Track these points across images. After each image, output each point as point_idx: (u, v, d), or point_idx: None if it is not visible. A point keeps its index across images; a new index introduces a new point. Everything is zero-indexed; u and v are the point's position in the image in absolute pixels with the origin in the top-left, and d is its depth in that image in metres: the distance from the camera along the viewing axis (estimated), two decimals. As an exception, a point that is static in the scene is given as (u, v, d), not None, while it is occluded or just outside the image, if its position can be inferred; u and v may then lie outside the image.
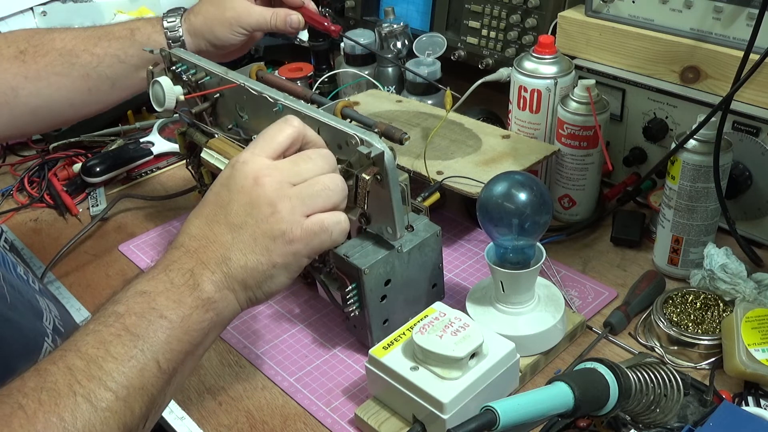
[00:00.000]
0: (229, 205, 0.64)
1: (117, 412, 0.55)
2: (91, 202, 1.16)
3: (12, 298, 0.73)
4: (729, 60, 0.89)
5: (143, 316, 0.59)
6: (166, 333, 0.59)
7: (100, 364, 0.55)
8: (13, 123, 0.93)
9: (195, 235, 0.64)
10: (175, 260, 0.63)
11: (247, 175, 0.64)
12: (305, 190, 0.65)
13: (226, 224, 0.64)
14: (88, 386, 0.54)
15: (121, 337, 0.57)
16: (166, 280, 0.61)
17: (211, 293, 0.62)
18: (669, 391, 0.65)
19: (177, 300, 0.60)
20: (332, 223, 0.66)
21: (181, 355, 0.60)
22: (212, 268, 0.62)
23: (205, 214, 0.65)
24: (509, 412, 0.57)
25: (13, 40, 0.94)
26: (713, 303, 0.82)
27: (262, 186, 0.64)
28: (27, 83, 0.92)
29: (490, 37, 1.20)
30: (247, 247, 0.63)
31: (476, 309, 0.82)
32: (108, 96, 0.98)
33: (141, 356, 0.57)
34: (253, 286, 0.64)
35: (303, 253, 0.65)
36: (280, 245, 0.64)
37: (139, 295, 0.60)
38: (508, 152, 0.98)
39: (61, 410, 0.52)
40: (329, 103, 0.82)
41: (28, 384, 0.54)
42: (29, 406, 0.52)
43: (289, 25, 0.99)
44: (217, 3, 0.99)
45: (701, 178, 0.84)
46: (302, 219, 0.64)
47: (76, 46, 0.95)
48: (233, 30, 0.98)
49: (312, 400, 0.79)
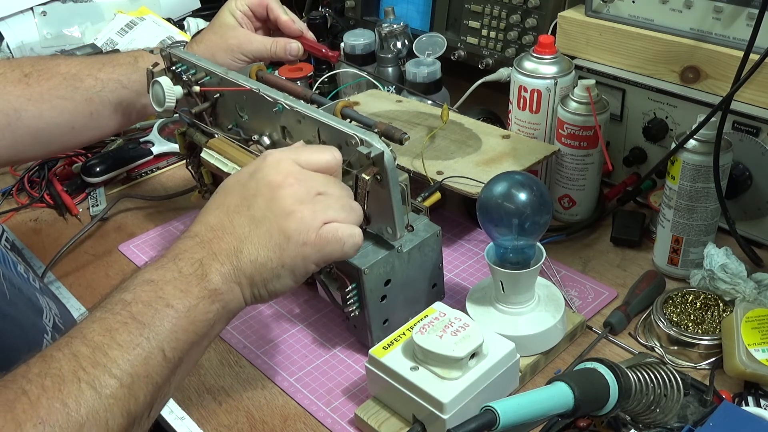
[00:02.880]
0: (254, 198, 0.65)
1: (121, 399, 0.55)
2: (91, 202, 1.16)
3: (11, 295, 0.73)
4: (729, 60, 0.89)
5: (150, 305, 0.59)
6: (172, 322, 0.59)
7: (105, 351, 0.56)
8: (14, 146, 0.94)
9: (213, 225, 0.65)
10: (186, 249, 0.63)
11: (278, 172, 0.66)
12: (329, 201, 0.66)
13: (247, 216, 0.64)
14: (92, 373, 0.54)
15: (128, 324, 0.57)
16: (174, 269, 0.62)
17: (218, 284, 0.62)
18: (669, 391, 0.65)
19: (184, 290, 0.61)
20: (346, 235, 0.66)
21: (187, 344, 0.60)
22: (222, 260, 0.63)
23: (227, 204, 0.66)
24: (509, 412, 0.57)
25: (18, 65, 0.96)
26: (713, 303, 0.82)
27: (291, 186, 0.65)
28: (30, 105, 0.93)
29: (490, 37, 1.20)
30: (261, 241, 0.64)
31: (476, 309, 0.82)
32: (109, 121, 0.99)
33: (146, 344, 0.57)
34: (259, 283, 0.65)
35: (312, 259, 0.66)
36: (293, 246, 0.64)
37: (146, 284, 0.61)
38: (508, 152, 0.98)
39: (65, 396, 0.53)
40: (329, 103, 0.82)
41: (32, 370, 0.54)
42: (33, 392, 0.52)
43: (288, 53, 1.02)
44: (220, 32, 1.02)
45: (701, 178, 0.84)
46: (320, 225, 0.65)
47: (81, 71, 0.96)
48: (234, 57, 1.00)
49: (312, 400, 0.79)
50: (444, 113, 1.00)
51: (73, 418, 0.52)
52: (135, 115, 1.01)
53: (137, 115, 1.02)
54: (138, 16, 1.52)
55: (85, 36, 1.51)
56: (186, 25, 1.59)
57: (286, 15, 1.04)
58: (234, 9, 1.03)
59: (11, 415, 0.51)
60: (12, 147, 0.94)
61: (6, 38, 1.46)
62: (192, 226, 0.66)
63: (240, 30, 1.02)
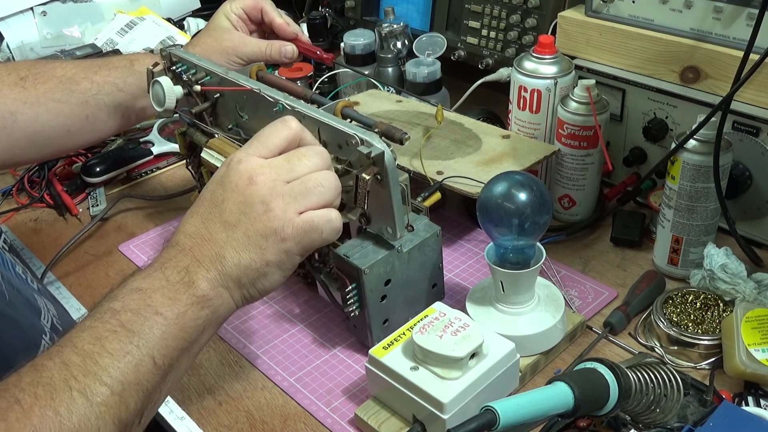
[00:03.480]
0: (224, 204, 0.65)
1: (112, 407, 0.55)
2: (91, 202, 1.16)
3: (10, 296, 0.73)
4: (729, 60, 0.89)
5: (139, 313, 0.59)
6: (161, 329, 0.59)
7: (95, 359, 0.56)
8: (10, 149, 0.94)
9: (191, 233, 0.65)
10: (170, 258, 0.64)
11: (241, 173, 0.65)
12: (297, 187, 0.65)
13: (221, 222, 0.65)
14: (83, 381, 0.55)
15: (117, 333, 0.58)
16: (161, 278, 0.62)
17: (206, 291, 0.63)
18: (669, 391, 0.65)
19: (172, 297, 0.61)
20: (323, 222, 0.66)
21: (177, 351, 0.61)
22: (207, 266, 0.63)
23: (201, 213, 0.66)
24: (509, 412, 0.57)
25: (14, 68, 0.96)
26: (713, 303, 0.82)
27: (256, 184, 0.65)
28: (26, 108, 0.93)
29: (490, 37, 1.20)
30: (240, 245, 0.64)
31: (476, 309, 0.82)
32: (104, 124, 0.99)
33: (136, 352, 0.58)
34: (248, 284, 0.65)
35: (295, 251, 0.66)
36: (272, 243, 0.64)
37: (134, 292, 0.61)
38: (508, 152, 0.98)
39: (56, 404, 0.53)
40: (329, 103, 0.82)
41: (24, 379, 0.54)
42: (25, 401, 0.52)
43: (283, 56, 1.03)
44: (215, 35, 1.02)
45: (701, 178, 0.84)
46: (294, 217, 0.65)
47: (77, 74, 0.96)
48: (230, 59, 1.01)
49: (312, 400, 0.79)
50: (438, 113, 1.00)
51: (66, 427, 0.52)
52: (133, 117, 1.01)
53: (136, 118, 1.02)
54: (138, 16, 1.52)
55: (85, 36, 1.51)
56: (186, 25, 1.59)
57: (280, 18, 1.04)
58: (229, 12, 1.03)
59: (4, 424, 0.51)
60: (8, 150, 0.94)
61: (6, 38, 1.46)
62: (174, 235, 0.66)
63: (235, 33, 1.02)
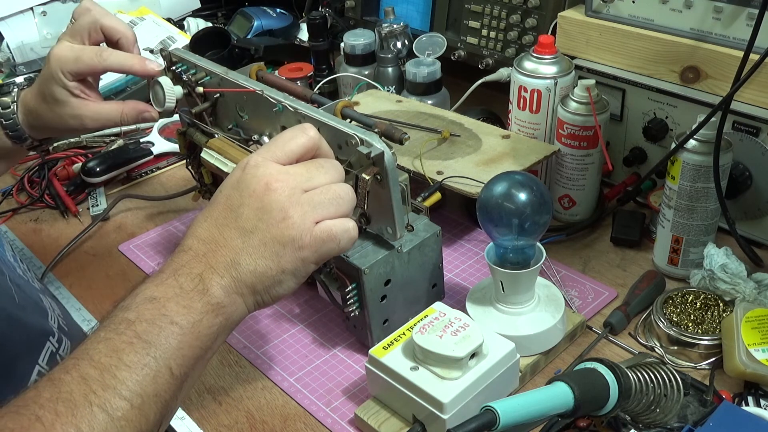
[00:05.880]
0: (240, 209, 0.64)
1: (132, 421, 0.54)
2: (91, 202, 1.16)
3: (20, 299, 0.73)
4: (729, 60, 0.89)
5: (154, 323, 0.58)
6: (177, 339, 0.59)
7: (113, 372, 0.55)
8: None
9: (204, 238, 0.63)
10: (183, 264, 0.62)
11: (259, 179, 0.64)
12: (317, 197, 0.65)
13: (237, 228, 0.63)
14: (103, 395, 0.54)
15: (134, 344, 0.57)
16: (175, 285, 0.61)
17: (220, 298, 0.61)
18: (669, 391, 0.65)
19: (187, 306, 0.60)
20: (341, 231, 0.65)
21: (193, 360, 0.60)
22: (221, 273, 0.62)
23: (215, 217, 0.64)
24: (509, 412, 0.57)
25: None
26: (713, 303, 0.82)
27: (275, 191, 0.63)
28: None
29: (490, 37, 1.20)
30: (257, 252, 0.63)
31: (476, 309, 0.82)
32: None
33: (154, 363, 0.57)
34: (262, 291, 0.64)
35: (311, 260, 0.65)
36: (289, 251, 0.63)
37: (148, 302, 0.60)
38: (508, 152, 0.98)
39: (78, 421, 0.52)
40: (329, 103, 0.82)
41: (43, 394, 0.53)
42: (46, 418, 0.52)
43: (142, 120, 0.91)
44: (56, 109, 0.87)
45: (701, 178, 0.84)
46: (312, 226, 0.64)
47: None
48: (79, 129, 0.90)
49: (312, 400, 0.79)
50: (444, 133, 1.02)
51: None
52: None
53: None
54: (138, 16, 1.52)
55: (85, 36, 1.51)
56: (186, 25, 1.59)
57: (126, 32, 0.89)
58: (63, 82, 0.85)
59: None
60: None
61: (6, 38, 1.46)
62: (184, 239, 0.64)
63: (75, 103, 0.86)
